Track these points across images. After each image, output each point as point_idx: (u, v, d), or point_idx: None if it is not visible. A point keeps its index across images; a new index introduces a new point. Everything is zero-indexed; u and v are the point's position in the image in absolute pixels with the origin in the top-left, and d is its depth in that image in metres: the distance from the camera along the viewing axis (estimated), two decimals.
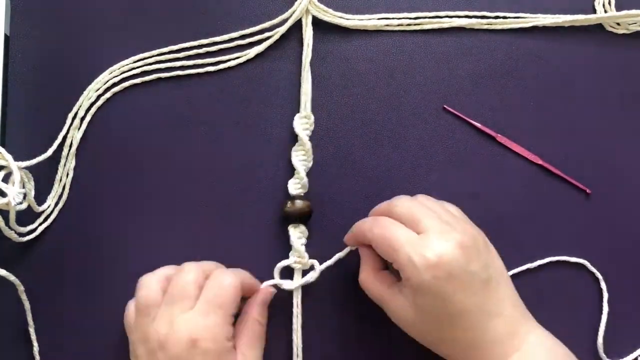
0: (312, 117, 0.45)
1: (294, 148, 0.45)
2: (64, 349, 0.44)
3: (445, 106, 0.47)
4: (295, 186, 0.45)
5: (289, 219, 0.44)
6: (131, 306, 0.40)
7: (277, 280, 0.44)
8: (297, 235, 0.44)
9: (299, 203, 0.44)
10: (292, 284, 0.44)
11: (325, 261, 0.44)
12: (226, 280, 0.39)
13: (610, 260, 0.46)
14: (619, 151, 0.47)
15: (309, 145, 0.45)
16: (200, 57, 0.47)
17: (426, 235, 0.37)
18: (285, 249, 0.45)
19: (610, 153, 0.47)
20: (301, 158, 0.45)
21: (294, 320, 0.44)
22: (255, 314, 0.41)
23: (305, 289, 0.44)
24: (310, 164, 0.45)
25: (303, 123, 0.45)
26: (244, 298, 0.41)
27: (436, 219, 0.38)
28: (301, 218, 0.44)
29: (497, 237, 0.46)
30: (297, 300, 0.44)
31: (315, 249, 0.45)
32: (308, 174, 0.45)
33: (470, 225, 0.40)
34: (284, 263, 0.44)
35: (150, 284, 0.39)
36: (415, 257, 0.36)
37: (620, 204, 0.47)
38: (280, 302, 0.44)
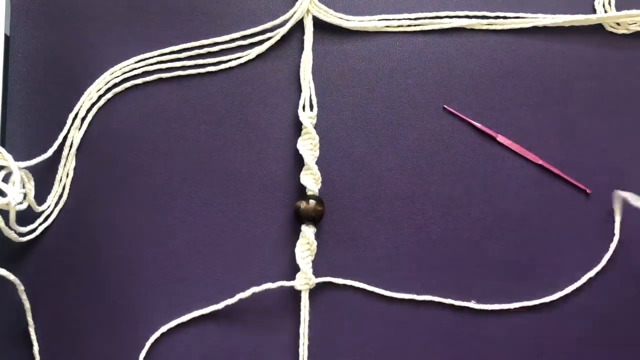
0: (315, 109, 0.45)
1: (301, 138, 0.45)
2: (64, 349, 0.44)
3: (445, 106, 0.47)
4: (308, 179, 0.44)
5: (303, 218, 0.44)
6: None
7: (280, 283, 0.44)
8: (311, 236, 0.44)
9: (312, 202, 0.44)
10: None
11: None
12: None
13: (610, 260, 0.46)
14: (619, 151, 0.47)
15: (316, 137, 0.44)
16: (202, 58, 0.47)
17: None
18: (284, 250, 0.45)
19: (610, 153, 0.47)
20: (309, 148, 0.44)
21: (301, 323, 0.44)
22: None
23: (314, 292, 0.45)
24: (317, 154, 0.45)
25: (308, 115, 0.45)
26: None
27: None
28: (314, 218, 0.44)
29: (497, 237, 0.46)
30: (305, 302, 0.44)
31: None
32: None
33: None
34: (291, 283, 0.44)
35: None
36: None
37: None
38: (286, 305, 0.44)
